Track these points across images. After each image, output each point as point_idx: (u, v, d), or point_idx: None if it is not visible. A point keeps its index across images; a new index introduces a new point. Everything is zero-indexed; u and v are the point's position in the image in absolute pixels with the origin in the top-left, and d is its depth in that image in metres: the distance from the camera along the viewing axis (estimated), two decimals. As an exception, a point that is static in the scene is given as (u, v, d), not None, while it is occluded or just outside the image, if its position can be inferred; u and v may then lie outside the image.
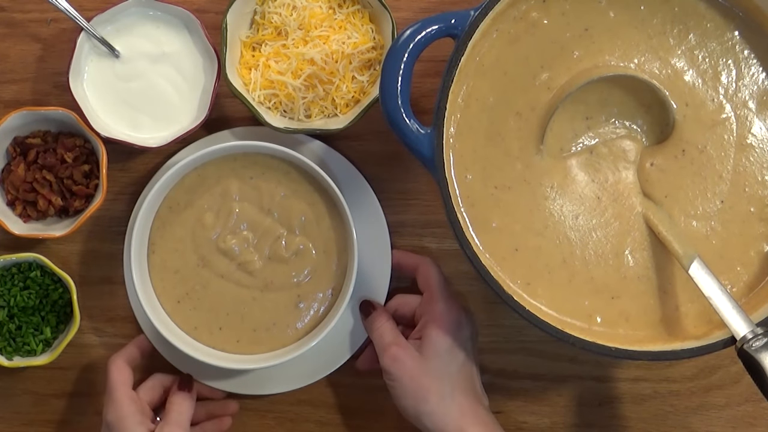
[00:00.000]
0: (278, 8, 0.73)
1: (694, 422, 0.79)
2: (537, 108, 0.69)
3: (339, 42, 0.72)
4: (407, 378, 0.68)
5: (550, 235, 0.69)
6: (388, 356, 0.69)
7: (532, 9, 0.68)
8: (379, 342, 0.71)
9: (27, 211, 0.74)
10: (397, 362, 0.68)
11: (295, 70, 0.72)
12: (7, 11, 0.76)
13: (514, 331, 0.78)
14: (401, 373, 0.68)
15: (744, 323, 0.63)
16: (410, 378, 0.68)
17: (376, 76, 0.72)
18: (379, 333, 0.71)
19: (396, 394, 0.69)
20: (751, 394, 0.78)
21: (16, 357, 0.75)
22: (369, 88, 0.74)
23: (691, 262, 0.66)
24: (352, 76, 0.73)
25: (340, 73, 0.73)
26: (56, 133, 0.75)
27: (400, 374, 0.68)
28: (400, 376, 0.68)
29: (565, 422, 0.78)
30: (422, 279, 0.73)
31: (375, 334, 0.72)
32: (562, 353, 0.78)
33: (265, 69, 0.73)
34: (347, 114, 0.73)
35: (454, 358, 0.69)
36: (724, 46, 0.70)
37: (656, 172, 0.70)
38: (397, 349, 0.69)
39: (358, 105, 0.73)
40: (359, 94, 0.74)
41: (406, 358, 0.69)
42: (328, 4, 0.74)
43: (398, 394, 0.69)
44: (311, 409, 0.79)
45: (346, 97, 0.73)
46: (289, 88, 0.73)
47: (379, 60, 0.73)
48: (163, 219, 0.73)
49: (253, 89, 0.73)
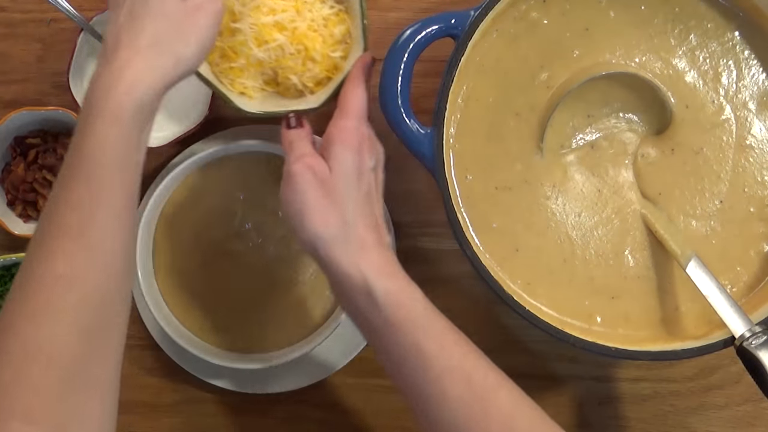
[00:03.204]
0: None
1: (694, 422, 0.79)
2: (537, 108, 0.69)
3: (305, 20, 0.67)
4: (312, 192, 0.59)
5: (551, 234, 0.69)
6: (303, 163, 0.60)
7: (532, 9, 0.68)
8: (296, 150, 0.62)
9: (27, 211, 0.74)
10: (308, 172, 0.59)
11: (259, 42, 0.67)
12: (7, 11, 0.76)
13: (514, 331, 0.78)
14: (307, 187, 0.59)
15: (743, 322, 0.63)
16: (316, 195, 0.59)
17: (348, 50, 0.68)
18: (299, 144, 0.62)
19: (294, 212, 0.60)
20: (751, 394, 0.78)
21: (16, 357, 0.75)
22: (342, 64, 0.68)
23: (688, 261, 0.66)
24: (322, 54, 0.67)
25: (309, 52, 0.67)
26: (56, 133, 0.75)
27: (306, 187, 0.59)
28: (305, 189, 0.59)
29: (565, 422, 0.78)
30: (342, 97, 0.64)
31: (294, 144, 0.62)
32: (562, 353, 0.78)
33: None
34: (318, 94, 0.68)
35: (360, 182, 0.61)
36: (724, 47, 0.70)
37: (645, 165, 0.70)
38: (312, 159, 0.60)
39: (332, 82, 0.68)
40: (332, 71, 0.68)
41: (319, 170, 0.60)
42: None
43: (297, 211, 0.59)
44: (311, 409, 0.79)
45: (319, 76, 0.68)
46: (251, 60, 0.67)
47: (350, 33, 0.68)
48: (168, 220, 0.73)
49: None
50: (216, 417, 0.78)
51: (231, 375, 0.76)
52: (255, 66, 0.67)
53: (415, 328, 0.58)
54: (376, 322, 0.58)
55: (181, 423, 0.79)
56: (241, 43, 0.66)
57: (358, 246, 0.59)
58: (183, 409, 0.79)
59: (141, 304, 0.76)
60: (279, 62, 0.67)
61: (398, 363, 0.58)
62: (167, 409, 0.78)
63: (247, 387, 0.77)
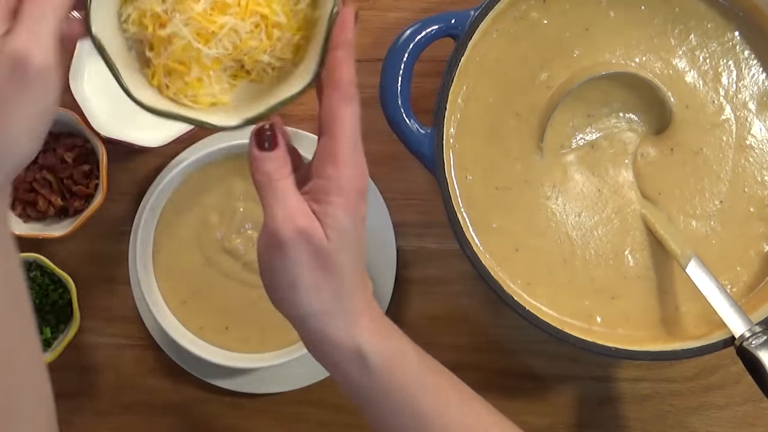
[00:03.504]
0: None
1: (694, 422, 0.79)
2: (537, 108, 0.69)
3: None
4: (307, 264, 0.49)
5: (551, 234, 0.69)
6: (295, 230, 0.49)
7: (532, 9, 0.68)
8: (279, 197, 0.49)
9: (27, 211, 0.74)
10: (302, 242, 0.49)
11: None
12: (7, 11, 0.76)
13: (514, 331, 0.78)
14: (301, 258, 0.49)
15: (742, 322, 0.63)
16: (310, 267, 0.50)
17: (301, 60, 0.54)
18: (280, 186, 0.50)
19: (282, 284, 0.50)
20: (751, 394, 0.78)
21: (16, 357, 0.75)
22: (314, 15, 0.53)
23: (688, 261, 0.66)
24: (286, 13, 0.53)
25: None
26: (56, 133, 0.75)
27: (300, 259, 0.49)
28: (298, 261, 0.49)
29: (565, 422, 0.78)
30: (327, 114, 0.50)
31: (275, 185, 0.49)
32: (562, 353, 0.78)
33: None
34: (302, 66, 0.53)
35: (356, 242, 0.51)
36: (724, 47, 0.70)
37: (645, 165, 0.70)
38: (305, 221, 0.49)
39: (313, 44, 0.53)
40: (307, 29, 0.54)
41: (315, 238, 0.49)
42: None
43: (287, 284, 0.50)
44: (311, 409, 0.79)
45: (293, 41, 0.53)
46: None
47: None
48: (168, 219, 0.73)
49: (125, 22, 0.53)
50: (216, 417, 0.78)
51: (231, 375, 0.76)
52: (212, 66, 0.53)
53: (412, 389, 0.53)
54: (368, 387, 0.52)
55: (181, 423, 0.79)
56: (184, 48, 0.51)
57: (352, 317, 0.52)
58: (183, 409, 0.78)
59: (141, 304, 0.76)
60: (239, 49, 0.52)
61: (394, 427, 0.53)
62: (167, 409, 0.78)
63: (246, 387, 0.77)
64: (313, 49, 0.52)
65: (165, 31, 0.52)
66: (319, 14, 0.53)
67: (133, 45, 0.54)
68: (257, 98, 0.54)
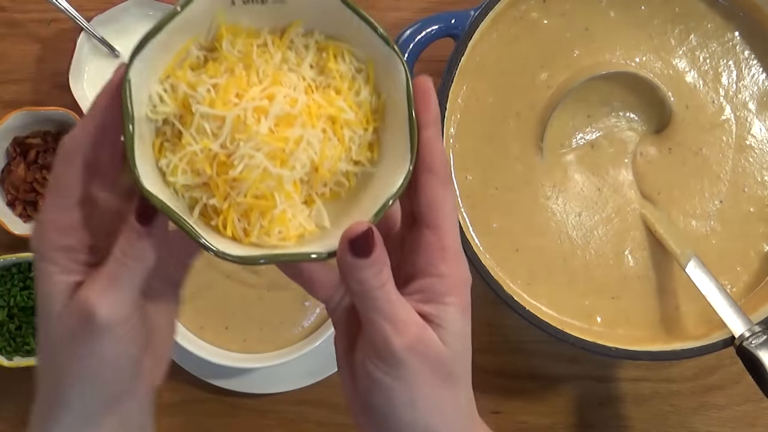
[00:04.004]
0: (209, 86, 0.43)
1: (694, 422, 0.79)
2: (537, 108, 0.69)
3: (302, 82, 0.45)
4: (428, 381, 0.43)
5: (551, 234, 0.69)
6: (411, 343, 0.42)
7: (532, 9, 0.68)
8: (385, 310, 0.42)
9: (27, 211, 0.74)
10: (419, 356, 0.42)
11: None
12: (7, 11, 0.76)
13: (514, 331, 0.78)
14: (421, 375, 0.43)
15: (742, 321, 0.63)
16: (432, 384, 0.43)
17: (379, 156, 0.46)
18: (385, 296, 0.42)
19: (401, 403, 0.43)
20: (751, 394, 0.78)
21: (16, 357, 0.75)
22: (380, 100, 0.46)
23: (688, 260, 0.66)
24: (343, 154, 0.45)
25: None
26: (56, 133, 0.75)
27: (420, 377, 0.43)
28: (418, 379, 0.43)
29: (565, 422, 0.78)
30: (427, 203, 0.44)
31: (374, 294, 0.42)
32: (562, 353, 0.78)
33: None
34: (387, 156, 0.46)
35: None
36: (724, 47, 0.70)
37: (644, 164, 0.70)
38: (419, 331, 0.42)
39: (392, 130, 0.45)
40: (374, 120, 0.46)
41: (433, 349, 0.43)
42: (302, 79, 0.45)
43: (406, 403, 0.43)
44: (311, 409, 0.79)
45: (364, 138, 0.46)
46: None
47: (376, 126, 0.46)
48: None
49: (173, 173, 0.43)
50: (216, 417, 0.78)
51: (231, 375, 0.76)
52: (295, 191, 0.44)
53: None
54: None
55: (181, 423, 0.79)
56: (261, 178, 0.43)
57: (468, 426, 0.46)
58: (183, 409, 0.78)
59: (141, 304, 0.76)
60: (315, 164, 0.44)
61: None
62: (167, 409, 0.78)
63: (247, 387, 0.77)
64: (390, 138, 0.45)
65: (234, 170, 0.42)
66: (385, 98, 0.46)
67: (181, 195, 0.44)
68: (343, 214, 0.46)
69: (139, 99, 0.42)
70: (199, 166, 0.43)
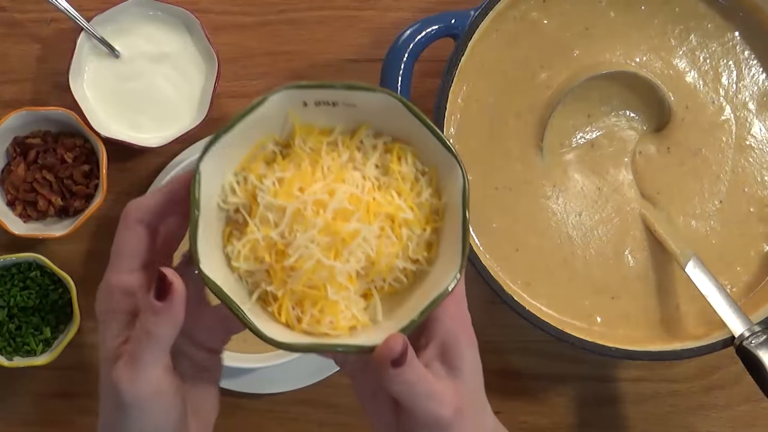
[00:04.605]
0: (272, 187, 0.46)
1: (694, 422, 0.79)
2: (537, 107, 0.69)
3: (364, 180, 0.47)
4: (470, 424, 0.48)
5: (551, 234, 0.69)
6: (452, 408, 0.46)
7: (532, 9, 0.68)
8: (425, 392, 0.46)
9: (27, 211, 0.74)
10: (460, 411, 0.47)
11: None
12: (7, 11, 0.76)
13: (514, 331, 0.78)
14: (463, 421, 0.47)
15: (742, 321, 0.64)
16: (472, 423, 0.48)
17: (435, 255, 0.48)
18: (422, 379, 0.46)
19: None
20: (751, 394, 0.78)
21: (16, 357, 0.75)
22: (441, 202, 0.48)
23: (688, 260, 0.66)
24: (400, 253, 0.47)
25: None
26: (56, 133, 0.75)
27: (463, 422, 0.47)
28: (462, 424, 0.47)
29: (565, 422, 0.78)
30: (449, 344, 0.49)
31: (416, 388, 0.46)
32: (562, 353, 0.78)
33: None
34: (442, 256, 0.48)
35: (480, 369, 0.51)
36: (724, 47, 0.70)
37: (643, 163, 0.70)
38: (455, 393, 0.47)
39: (449, 231, 0.48)
40: (433, 221, 0.48)
41: (467, 398, 0.48)
42: (364, 180, 0.47)
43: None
44: (311, 409, 0.79)
45: (423, 237, 0.48)
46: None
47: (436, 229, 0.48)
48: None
49: (236, 259, 0.47)
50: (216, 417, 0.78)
51: (231, 375, 0.76)
52: (348, 283, 0.46)
53: None
54: None
55: (181, 423, 0.79)
56: (314, 269, 0.45)
57: None
58: (183, 409, 0.78)
59: (141, 304, 0.76)
60: (371, 259, 0.46)
61: None
62: (167, 409, 0.78)
63: (247, 387, 0.76)
64: (447, 239, 0.47)
65: (290, 260, 0.45)
66: (446, 201, 0.48)
67: (245, 280, 0.48)
68: (395, 309, 0.48)
69: (209, 188, 0.45)
70: (260, 253, 0.46)
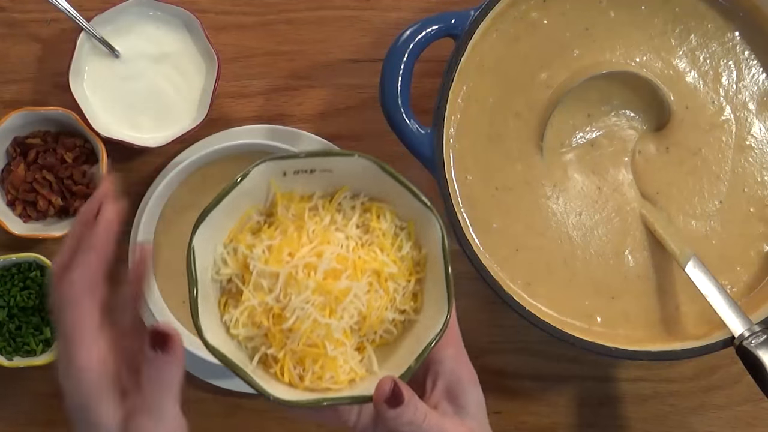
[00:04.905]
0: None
1: (694, 422, 0.79)
2: (537, 107, 0.69)
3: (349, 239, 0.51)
4: None
5: (551, 235, 0.69)
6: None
7: (532, 9, 0.69)
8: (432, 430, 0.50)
9: (27, 211, 0.74)
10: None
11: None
12: (7, 11, 0.76)
13: (514, 331, 0.78)
14: None
15: (741, 321, 0.64)
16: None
17: (421, 304, 0.53)
18: (431, 421, 0.50)
19: None
20: (751, 394, 0.78)
21: (16, 357, 0.75)
22: (422, 254, 0.53)
23: (687, 260, 0.66)
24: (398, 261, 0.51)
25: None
26: (56, 133, 0.75)
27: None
28: None
29: (565, 422, 0.78)
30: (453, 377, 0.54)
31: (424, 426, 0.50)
32: (562, 353, 0.78)
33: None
34: (427, 304, 0.53)
35: (483, 402, 0.55)
36: (724, 47, 0.70)
37: (643, 163, 0.70)
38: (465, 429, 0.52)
39: (431, 281, 0.53)
40: (416, 272, 0.53)
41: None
42: (347, 239, 0.50)
43: None
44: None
45: (408, 289, 0.52)
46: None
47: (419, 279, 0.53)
48: (168, 219, 0.73)
49: (234, 326, 0.51)
50: (216, 417, 0.78)
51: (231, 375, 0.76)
52: (345, 338, 0.50)
53: None
54: None
55: (181, 423, 0.79)
56: (312, 328, 0.49)
57: None
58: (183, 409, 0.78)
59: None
60: (363, 314, 0.50)
61: None
62: (167, 409, 0.78)
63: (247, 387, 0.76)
64: (431, 288, 0.52)
65: (288, 322, 0.48)
66: (426, 252, 0.52)
67: (244, 345, 0.52)
68: (389, 358, 0.51)
69: (202, 263, 0.48)
70: (257, 318, 0.49)
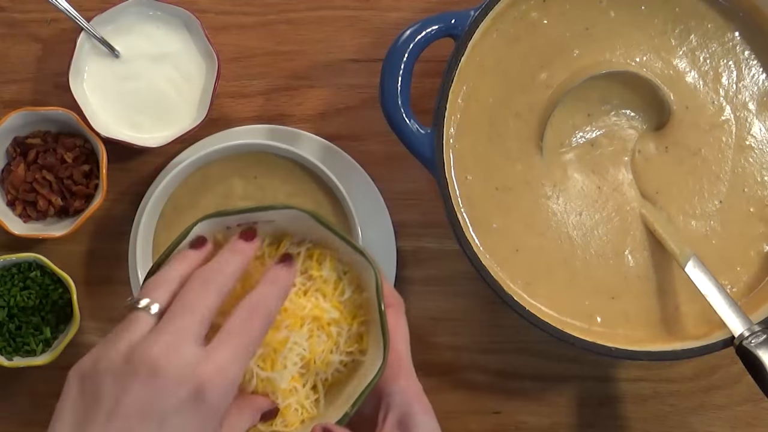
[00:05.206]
0: None
1: (694, 422, 0.79)
2: (537, 107, 0.69)
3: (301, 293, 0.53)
4: None
5: (551, 235, 0.69)
6: None
7: (532, 9, 0.69)
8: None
9: (27, 211, 0.74)
10: None
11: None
12: (7, 11, 0.76)
13: (514, 331, 0.78)
14: None
15: (741, 321, 0.64)
16: None
17: (367, 345, 0.55)
18: None
19: None
20: (751, 394, 0.78)
21: (16, 357, 0.75)
22: (363, 297, 0.55)
23: (687, 260, 0.66)
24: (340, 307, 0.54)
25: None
26: (56, 133, 0.75)
27: None
28: None
29: (565, 422, 0.78)
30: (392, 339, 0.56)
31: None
32: (562, 353, 0.78)
33: None
34: (372, 345, 0.55)
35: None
36: (724, 47, 0.70)
37: (642, 162, 0.70)
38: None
39: (374, 323, 0.54)
40: (360, 315, 0.55)
41: None
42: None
43: None
44: (311, 409, 0.79)
45: (352, 331, 0.54)
46: None
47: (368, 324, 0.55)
48: (168, 219, 0.73)
49: None
50: None
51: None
52: (296, 383, 0.53)
53: None
54: None
55: (181, 423, 0.79)
56: (262, 383, 0.52)
57: None
58: None
59: (141, 304, 0.76)
60: (306, 359, 0.52)
61: None
62: (167, 409, 0.78)
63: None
64: (373, 330, 0.54)
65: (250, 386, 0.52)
66: (367, 296, 0.54)
67: None
68: (340, 396, 0.54)
69: None
70: None
